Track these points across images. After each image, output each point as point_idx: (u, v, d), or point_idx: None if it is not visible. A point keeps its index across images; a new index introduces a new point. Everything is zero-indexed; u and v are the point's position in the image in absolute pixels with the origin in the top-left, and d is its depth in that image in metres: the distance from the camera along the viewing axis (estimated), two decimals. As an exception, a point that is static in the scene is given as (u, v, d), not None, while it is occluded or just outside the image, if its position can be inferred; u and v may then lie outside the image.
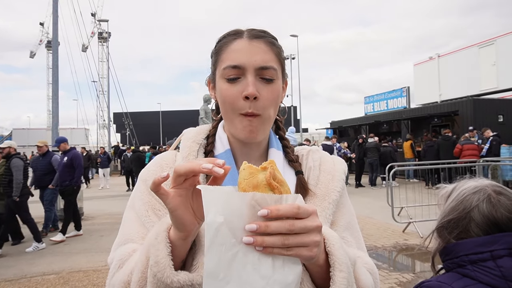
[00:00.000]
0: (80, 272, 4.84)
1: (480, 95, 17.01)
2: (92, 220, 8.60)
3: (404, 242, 5.89)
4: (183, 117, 51.36)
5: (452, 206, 1.09)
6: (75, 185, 6.94)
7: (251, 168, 0.60)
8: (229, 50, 0.80)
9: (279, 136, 0.96)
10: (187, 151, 0.87)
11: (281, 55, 0.85)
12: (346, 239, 0.84)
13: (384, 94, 22.88)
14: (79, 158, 7.04)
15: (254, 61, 0.78)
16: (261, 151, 0.90)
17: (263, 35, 0.82)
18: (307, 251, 0.58)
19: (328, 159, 0.93)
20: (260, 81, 0.79)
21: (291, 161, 0.90)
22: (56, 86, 9.42)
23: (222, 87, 0.81)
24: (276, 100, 0.83)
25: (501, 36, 17.58)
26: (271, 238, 0.55)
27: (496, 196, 1.05)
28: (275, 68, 0.81)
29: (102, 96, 36.39)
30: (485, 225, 1.02)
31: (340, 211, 0.88)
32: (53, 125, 9.30)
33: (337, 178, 0.89)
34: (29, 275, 4.82)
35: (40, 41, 49.85)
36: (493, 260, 0.97)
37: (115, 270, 0.76)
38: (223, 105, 0.82)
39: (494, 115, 13.66)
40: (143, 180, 0.87)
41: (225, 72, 0.79)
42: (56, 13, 9.53)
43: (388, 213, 6.82)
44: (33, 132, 49.09)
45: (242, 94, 0.77)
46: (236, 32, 0.83)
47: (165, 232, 0.67)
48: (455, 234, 1.07)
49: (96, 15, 38.37)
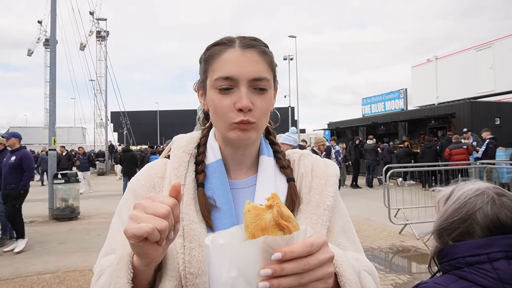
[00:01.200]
0: (76, 272, 4.82)
1: (477, 97, 17.10)
2: (89, 219, 8.57)
3: (400, 244, 5.91)
4: (181, 116, 51.32)
5: (453, 208, 1.09)
6: (22, 189, 5.96)
7: (256, 209, 0.59)
8: (221, 59, 0.79)
9: (269, 141, 0.95)
10: (177, 162, 0.85)
11: (272, 63, 0.84)
12: (343, 244, 0.84)
13: (381, 96, 22.95)
14: (29, 159, 6.09)
15: (247, 72, 0.77)
16: (252, 158, 0.89)
17: (255, 43, 0.81)
18: (322, 284, 0.58)
19: (320, 163, 0.92)
20: (253, 91, 0.78)
21: (283, 167, 0.90)
22: (53, 84, 9.39)
23: (214, 97, 0.80)
24: (269, 108, 0.83)
25: (498, 39, 17.69)
26: (287, 279, 0.55)
27: (499, 198, 1.06)
28: (268, 78, 0.80)
29: (99, 95, 36.26)
30: (488, 227, 1.03)
31: (335, 215, 0.87)
32: (50, 124, 9.28)
33: (330, 183, 0.88)
34: (24, 274, 4.79)
35: (38, 39, 49.64)
36: (490, 263, 0.97)
37: (95, 281, 0.76)
38: (214, 115, 0.82)
39: (491, 118, 13.75)
40: (132, 190, 0.86)
41: (217, 82, 0.78)
42: (54, 11, 9.50)
43: (385, 214, 6.83)
44: (30, 130, 48.88)
45: (235, 106, 0.77)
46: (227, 41, 0.82)
47: (128, 257, 0.65)
48: (455, 236, 1.07)
49: (94, 14, 38.24)
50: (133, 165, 12.66)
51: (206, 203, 0.80)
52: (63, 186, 8.56)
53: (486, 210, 1.04)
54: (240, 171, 0.88)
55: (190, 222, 0.77)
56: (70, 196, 8.62)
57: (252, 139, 0.82)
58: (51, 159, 9.09)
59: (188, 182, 0.83)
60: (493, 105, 14.59)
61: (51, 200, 8.67)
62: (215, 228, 0.77)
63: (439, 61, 21.07)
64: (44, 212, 8.86)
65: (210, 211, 0.79)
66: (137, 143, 32.10)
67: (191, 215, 0.78)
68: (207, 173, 0.85)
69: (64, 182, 8.59)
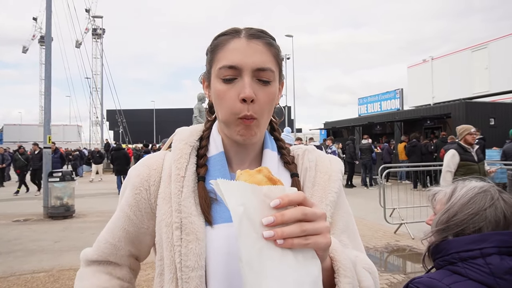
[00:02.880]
0: (70, 270, 4.79)
1: (472, 98, 17.21)
2: (84, 218, 8.53)
3: (395, 243, 5.94)
4: (177, 115, 51.25)
5: (461, 204, 1.09)
6: None
7: (248, 172, 0.61)
8: (226, 49, 0.78)
9: (274, 137, 0.94)
10: (178, 154, 0.84)
11: (279, 56, 0.83)
12: (344, 242, 0.83)
13: (377, 96, 23.04)
14: None
15: (252, 62, 0.76)
16: (256, 152, 0.88)
17: (262, 35, 0.80)
18: (323, 238, 0.59)
19: (325, 159, 0.91)
20: (257, 82, 0.77)
21: (287, 162, 0.88)
22: (48, 82, 9.32)
23: (217, 87, 0.79)
24: (272, 103, 0.81)
25: (493, 40, 17.82)
26: (290, 227, 0.56)
27: (504, 195, 1.09)
28: (273, 70, 0.79)
29: (95, 93, 36.09)
30: (497, 222, 1.04)
31: (338, 212, 0.86)
32: (45, 121, 9.20)
33: (333, 179, 0.87)
34: (18, 272, 4.76)
35: (33, 36, 49.29)
36: (483, 258, 0.98)
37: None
38: (218, 107, 0.80)
39: (486, 118, 13.85)
40: (127, 180, 0.87)
41: (221, 72, 0.77)
42: (49, 8, 9.42)
43: (380, 214, 6.86)
44: (25, 128, 48.58)
45: (239, 96, 0.76)
46: (234, 31, 0.81)
47: None
48: (460, 231, 1.07)
49: (90, 11, 38.06)
50: (125, 163, 12.59)
51: (206, 197, 0.79)
52: (58, 185, 8.52)
53: (500, 206, 1.05)
54: (242, 164, 0.86)
55: (189, 215, 0.76)
56: (65, 194, 8.56)
57: (255, 139, 0.81)
58: (46, 157, 9.03)
59: (189, 175, 0.81)
60: (488, 106, 14.70)
61: (46, 198, 8.62)
62: (214, 222, 0.77)
63: (435, 61, 21.18)
64: (39, 210, 8.81)
65: (210, 205, 0.78)
66: (133, 141, 32.01)
67: (190, 208, 0.77)
68: (209, 166, 0.84)
69: (59, 180, 8.55)
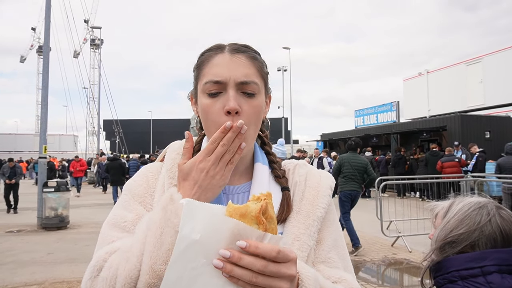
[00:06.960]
0: (63, 283, 4.71)
1: (467, 111, 17.37)
2: (78, 229, 8.43)
3: (392, 256, 5.90)
4: (173, 126, 51.13)
5: (456, 220, 1.09)
6: None
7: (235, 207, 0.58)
8: (210, 64, 0.80)
9: (265, 151, 0.94)
10: (171, 163, 0.86)
11: (263, 69, 0.84)
12: (332, 259, 0.82)
13: (374, 108, 23.19)
14: None
15: (235, 75, 0.77)
16: (245, 165, 0.88)
17: (245, 49, 0.82)
18: None
19: (315, 174, 0.91)
20: (242, 95, 0.78)
21: (277, 176, 0.89)
22: (46, 91, 9.32)
23: (203, 102, 0.80)
24: (258, 115, 0.82)
25: (488, 54, 18.09)
26: (241, 270, 0.55)
27: (502, 211, 1.08)
28: (257, 82, 0.80)
29: (92, 102, 36.07)
30: (494, 239, 1.04)
31: (327, 229, 0.85)
32: (41, 131, 9.16)
33: (322, 194, 0.86)
34: (10, 285, 4.67)
35: (31, 46, 49.50)
36: (483, 276, 0.98)
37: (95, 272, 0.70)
38: (205, 121, 0.82)
39: (481, 131, 13.94)
40: (128, 190, 0.86)
41: (206, 87, 0.79)
42: (48, 19, 9.48)
43: (377, 226, 6.83)
44: (20, 137, 48.30)
45: (223, 109, 0.77)
46: (217, 47, 0.83)
47: None
48: (459, 249, 1.07)
49: (89, 22, 38.30)
50: (120, 173, 12.47)
51: None
52: (52, 195, 8.42)
53: (495, 222, 1.05)
54: (233, 177, 0.86)
55: None
56: (60, 204, 8.47)
57: (242, 152, 0.80)
58: (41, 167, 8.96)
59: None
60: (483, 119, 14.82)
61: (40, 209, 8.51)
62: None
63: (430, 74, 21.42)
64: (33, 221, 8.70)
65: None
66: (129, 151, 31.85)
67: None
68: None
69: (54, 190, 8.46)
